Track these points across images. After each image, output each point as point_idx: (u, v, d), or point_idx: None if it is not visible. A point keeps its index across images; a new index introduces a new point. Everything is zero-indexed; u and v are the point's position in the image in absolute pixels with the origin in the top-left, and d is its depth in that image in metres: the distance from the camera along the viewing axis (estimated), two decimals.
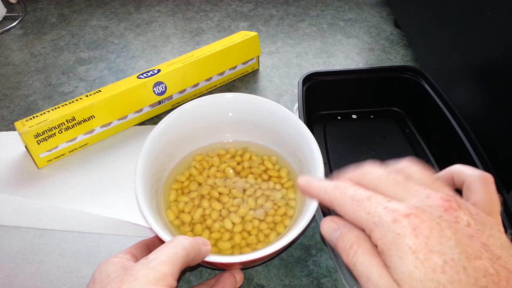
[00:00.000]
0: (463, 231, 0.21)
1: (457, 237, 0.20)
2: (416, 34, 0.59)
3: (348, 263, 0.23)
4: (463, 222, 0.21)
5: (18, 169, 0.47)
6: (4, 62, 0.62)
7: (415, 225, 0.20)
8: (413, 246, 0.20)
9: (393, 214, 0.21)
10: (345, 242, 0.24)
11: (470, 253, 0.20)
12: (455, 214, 0.21)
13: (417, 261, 0.20)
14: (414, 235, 0.20)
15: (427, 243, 0.20)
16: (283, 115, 0.41)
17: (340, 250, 0.24)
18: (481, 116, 0.44)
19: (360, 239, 0.23)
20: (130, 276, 0.25)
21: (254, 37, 0.57)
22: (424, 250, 0.20)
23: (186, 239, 0.29)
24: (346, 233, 0.24)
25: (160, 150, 0.40)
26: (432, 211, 0.21)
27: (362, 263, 0.22)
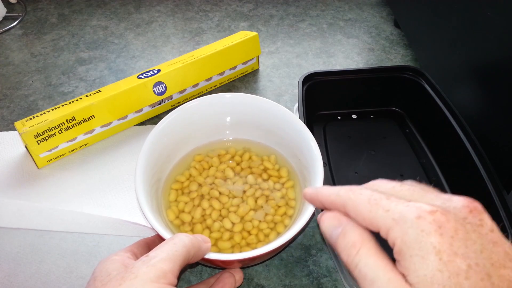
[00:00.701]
0: (487, 236, 0.19)
1: (482, 242, 0.19)
2: (416, 34, 0.59)
3: (349, 263, 0.22)
4: (488, 226, 0.20)
5: (18, 169, 0.47)
6: (4, 62, 0.62)
7: (440, 223, 0.19)
8: (438, 246, 0.18)
9: (417, 211, 0.20)
10: (347, 240, 0.22)
11: (495, 260, 0.18)
12: (480, 216, 0.20)
13: (441, 263, 0.18)
14: (439, 234, 0.19)
15: (451, 244, 0.18)
16: (283, 115, 0.41)
17: (341, 249, 0.22)
18: (481, 116, 0.44)
19: (364, 238, 0.22)
20: (130, 274, 0.25)
21: (254, 37, 0.57)
22: (448, 251, 0.18)
23: (186, 237, 0.29)
24: (349, 231, 0.22)
25: (160, 150, 0.40)
26: (456, 212, 0.20)
27: (367, 264, 0.20)
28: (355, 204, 0.22)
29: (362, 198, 0.22)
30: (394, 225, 0.20)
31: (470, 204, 0.20)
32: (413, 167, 0.46)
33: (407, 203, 0.20)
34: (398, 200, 0.21)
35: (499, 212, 0.36)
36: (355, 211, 0.22)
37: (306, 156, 0.39)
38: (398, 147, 0.49)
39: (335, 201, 0.24)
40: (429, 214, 0.19)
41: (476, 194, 0.40)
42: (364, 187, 0.24)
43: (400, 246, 0.19)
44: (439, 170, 0.46)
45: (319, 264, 0.39)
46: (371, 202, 0.22)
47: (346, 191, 0.24)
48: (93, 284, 0.26)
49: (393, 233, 0.20)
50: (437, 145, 0.47)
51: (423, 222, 0.19)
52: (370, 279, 0.20)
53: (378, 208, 0.21)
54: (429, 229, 0.19)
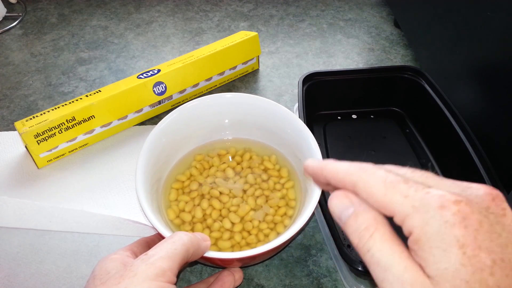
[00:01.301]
0: (510, 227, 0.18)
1: (507, 235, 0.18)
2: (416, 34, 0.59)
3: (361, 246, 0.20)
4: (510, 216, 0.19)
5: (18, 169, 0.46)
6: (4, 62, 0.62)
7: (465, 214, 0.17)
8: (462, 239, 0.17)
9: (440, 200, 0.18)
10: (359, 223, 0.20)
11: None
12: (503, 205, 0.19)
13: (465, 257, 0.17)
14: (463, 226, 0.17)
15: (476, 238, 0.17)
16: (283, 114, 0.41)
17: (351, 231, 0.21)
18: (481, 116, 0.44)
19: (379, 221, 0.20)
20: (129, 272, 0.25)
21: (254, 37, 0.57)
22: (473, 245, 0.17)
23: (185, 235, 0.29)
24: (362, 213, 0.20)
25: (161, 150, 0.40)
26: (478, 201, 0.18)
27: (381, 250, 0.19)
28: (368, 185, 0.20)
29: (376, 179, 0.20)
30: (413, 213, 0.18)
31: (492, 192, 0.19)
32: (412, 167, 0.46)
33: (427, 190, 0.19)
34: (417, 185, 0.19)
35: None
36: (368, 192, 0.21)
37: (306, 156, 0.39)
38: (398, 147, 0.49)
39: (343, 178, 0.22)
40: (453, 204, 0.18)
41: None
42: (378, 166, 0.21)
43: (419, 236, 0.18)
44: (438, 170, 0.46)
45: (319, 264, 0.39)
46: (386, 184, 0.20)
47: (357, 169, 0.21)
48: (92, 283, 0.26)
49: (412, 222, 0.18)
50: (437, 145, 0.47)
51: (447, 213, 0.18)
52: (384, 266, 0.19)
53: (395, 192, 0.19)
54: (453, 220, 0.17)
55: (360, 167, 0.21)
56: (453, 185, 0.20)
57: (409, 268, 0.18)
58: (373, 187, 0.20)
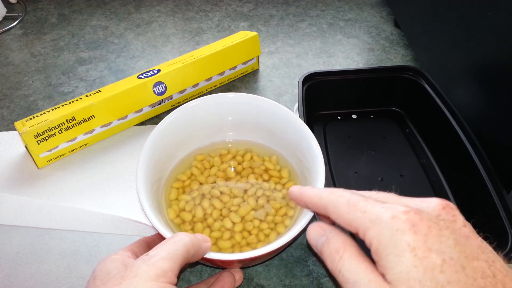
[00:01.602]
0: (460, 231, 0.20)
1: (455, 237, 0.20)
2: (416, 34, 0.59)
3: (333, 269, 0.22)
4: (460, 222, 0.21)
5: (18, 169, 0.46)
6: (4, 62, 0.62)
7: (414, 222, 0.20)
8: (412, 243, 0.19)
9: (392, 211, 0.20)
10: (331, 247, 0.23)
11: (468, 253, 0.19)
12: (453, 213, 0.21)
13: (416, 259, 0.19)
14: (413, 232, 0.19)
15: (426, 241, 0.19)
16: (283, 114, 0.42)
17: (325, 256, 0.23)
18: (481, 116, 0.44)
19: (347, 244, 0.23)
20: (130, 272, 0.25)
21: (254, 37, 0.57)
22: (423, 248, 0.19)
23: (186, 236, 0.29)
24: (332, 238, 0.23)
25: (162, 149, 0.40)
26: (429, 211, 0.21)
27: (349, 269, 0.21)
28: (335, 206, 0.23)
29: (342, 200, 0.23)
30: (370, 226, 0.21)
31: (442, 202, 0.21)
32: (413, 167, 0.46)
33: (382, 205, 0.21)
34: (375, 202, 0.22)
35: (499, 212, 0.36)
36: (335, 213, 0.23)
37: (307, 156, 0.39)
38: (398, 147, 0.49)
39: (317, 202, 0.25)
40: (403, 213, 0.20)
41: (476, 194, 0.40)
42: (345, 190, 0.25)
43: (377, 246, 0.20)
44: (439, 170, 0.46)
45: (319, 264, 0.39)
46: (349, 204, 0.23)
47: (327, 193, 0.25)
48: (93, 283, 0.26)
49: (370, 234, 0.21)
50: (437, 145, 0.48)
51: (397, 222, 0.20)
52: (352, 282, 0.21)
53: (356, 210, 0.22)
54: (403, 227, 0.20)
55: (330, 191, 0.25)
56: (409, 201, 0.22)
57: (373, 280, 0.20)
58: (339, 208, 0.23)
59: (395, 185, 0.44)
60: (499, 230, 0.36)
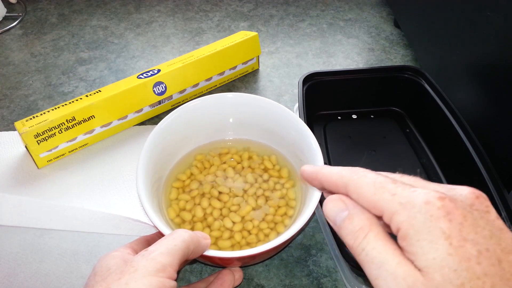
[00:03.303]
0: (494, 222, 0.19)
1: (490, 228, 0.19)
2: (416, 34, 0.59)
3: (356, 247, 0.21)
4: (493, 213, 0.20)
5: (18, 169, 0.46)
6: (4, 62, 0.62)
7: (449, 209, 0.19)
8: (447, 231, 0.18)
9: (426, 196, 0.19)
10: (354, 224, 0.21)
11: (503, 246, 0.18)
12: (486, 203, 0.20)
13: (451, 247, 0.18)
14: (448, 220, 0.18)
15: (461, 230, 0.18)
16: (283, 114, 0.42)
17: (346, 233, 0.22)
18: (481, 115, 0.44)
19: (373, 222, 0.21)
20: (130, 268, 0.25)
21: (254, 37, 0.57)
22: (458, 237, 0.18)
23: (185, 232, 0.29)
24: (356, 214, 0.22)
25: (162, 149, 0.40)
26: (463, 199, 0.20)
27: (375, 248, 0.20)
28: (359, 186, 0.22)
29: (367, 180, 0.22)
30: (400, 209, 0.20)
31: (475, 191, 0.20)
32: (413, 167, 0.46)
33: (414, 188, 0.20)
34: (404, 185, 0.20)
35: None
36: (358, 193, 0.22)
37: (307, 156, 0.39)
38: (398, 147, 0.49)
39: (336, 181, 0.23)
40: (438, 200, 0.19)
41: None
42: (368, 170, 0.23)
43: (407, 231, 0.19)
44: (439, 170, 0.46)
45: (319, 264, 0.39)
46: (376, 184, 0.21)
47: (349, 172, 0.23)
48: (93, 279, 0.26)
49: (399, 217, 0.19)
50: (437, 145, 0.47)
51: (432, 208, 0.19)
52: (378, 263, 0.20)
53: (384, 191, 0.21)
54: (438, 214, 0.18)
55: (352, 170, 0.23)
56: (439, 187, 0.21)
57: (402, 263, 0.19)
58: (363, 188, 0.22)
59: None
60: None
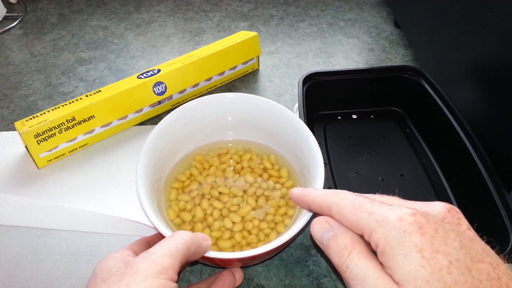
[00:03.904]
0: (465, 234, 0.21)
1: (461, 239, 0.20)
2: (416, 34, 0.59)
3: (341, 265, 0.23)
4: (465, 225, 0.21)
5: (18, 169, 0.46)
6: (4, 62, 0.62)
7: (421, 224, 0.20)
8: (419, 244, 0.19)
9: (399, 213, 0.21)
10: (339, 243, 0.23)
11: (473, 256, 0.20)
12: (458, 216, 0.22)
13: (423, 260, 0.19)
14: (420, 234, 0.20)
15: (432, 243, 0.20)
16: (283, 114, 0.41)
17: (332, 251, 0.23)
18: (481, 115, 0.44)
19: (355, 241, 0.23)
20: (131, 270, 0.25)
21: (254, 37, 0.57)
22: (430, 249, 0.19)
23: (186, 234, 0.29)
24: (340, 234, 0.23)
25: (161, 149, 0.40)
26: (435, 214, 0.21)
27: (358, 265, 0.22)
28: (340, 207, 0.24)
29: (347, 201, 0.23)
30: (377, 227, 0.21)
31: (447, 205, 0.22)
32: (413, 167, 0.46)
33: (389, 207, 0.22)
34: (381, 204, 0.22)
35: (500, 211, 0.36)
36: (340, 214, 0.24)
37: (306, 156, 0.39)
38: (398, 147, 0.49)
39: (321, 203, 0.25)
40: (410, 215, 0.20)
41: (477, 193, 0.40)
42: (349, 192, 0.25)
43: (384, 247, 0.21)
44: (439, 170, 0.46)
45: (319, 264, 0.39)
46: (355, 205, 0.23)
47: (332, 194, 0.25)
48: (93, 281, 0.26)
49: (376, 235, 0.21)
50: (437, 145, 0.47)
51: (404, 223, 0.20)
52: (361, 279, 0.21)
53: (362, 211, 0.22)
54: (411, 229, 0.20)
55: (335, 193, 0.25)
56: (414, 204, 0.23)
57: (381, 278, 0.20)
58: (344, 209, 0.23)
59: (396, 185, 0.44)
60: (500, 229, 0.36)
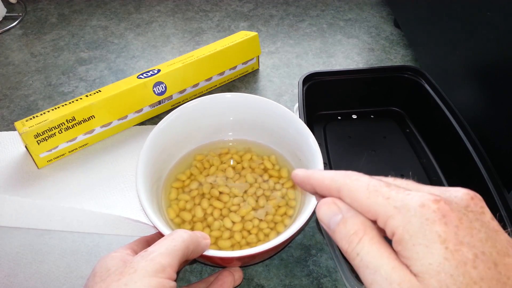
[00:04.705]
0: (489, 224, 0.19)
1: (486, 230, 0.18)
2: (416, 34, 0.59)
3: (350, 251, 0.20)
4: (488, 215, 0.19)
5: (18, 169, 0.46)
6: (4, 62, 0.62)
7: (444, 212, 0.18)
8: (443, 235, 0.18)
9: (420, 199, 0.19)
10: (348, 228, 0.21)
11: (499, 249, 0.18)
12: (481, 204, 0.20)
13: (448, 251, 0.17)
14: (444, 223, 0.18)
15: (457, 233, 0.18)
16: (283, 114, 0.42)
17: (340, 237, 0.21)
18: (481, 115, 0.44)
19: (367, 226, 0.20)
20: (130, 268, 0.25)
21: (254, 37, 0.57)
22: (454, 241, 0.18)
23: (185, 232, 0.29)
24: (350, 218, 0.21)
25: (161, 149, 0.40)
26: (458, 201, 0.19)
27: (370, 253, 0.19)
28: (352, 190, 0.21)
29: (360, 184, 0.21)
30: (395, 213, 0.19)
31: (470, 192, 0.20)
32: (413, 167, 0.46)
33: (408, 192, 0.20)
34: (398, 188, 0.20)
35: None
36: (352, 197, 0.21)
37: (306, 155, 0.39)
38: (398, 147, 0.49)
39: (329, 185, 0.23)
40: (433, 203, 0.18)
41: (477, 193, 0.40)
42: (361, 174, 0.22)
43: (402, 235, 0.19)
44: (439, 170, 0.46)
45: (319, 264, 0.39)
46: (369, 188, 0.21)
47: (342, 176, 0.22)
48: (92, 280, 0.26)
49: (394, 222, 0.19)
50: (437, 144, 0.47)
51: (427, 211, 0.18)
52: (373, 267, 0.19)
53: (378, 195, 0.20)
54: (434, 217, 0.18)
55: (345, 174, 0.22)
56: (433, 189, 0.21)
57: (397, 268, 0.19)
58: (357, 192, 0.21)
59: None
60: None
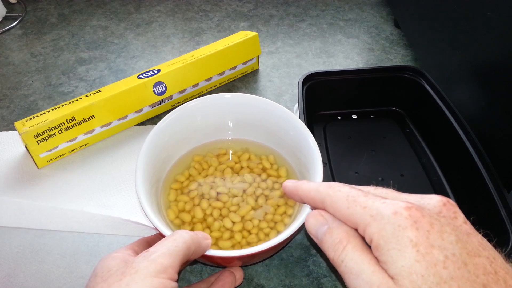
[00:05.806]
0: (461, 228, 0.20)
1: (457, 233, 0.20)
2: (416, 34, 0.59)
3: (336, 259, 0.22)
4: (461, 219, 0.21)
5: (18, 169, 0.46)
6: (4, 62, 0.62)
7: (416, 218, 0.20)
8: (414, 239, 0.19)
9: (393, 207, 0.20)
10: (334, 237, 0.23)
11: (469, 250, 0.19)
12: (454, 209, 0.21)
13: (419, 254, 0.19)
14: (415, 228, 0.19)
15: (428, 237, 0.19)
16: (283, 114, 0.41)
17: (327, 246, 0.23)
18: (481, 115, 0.44)
19: (350, 235, 0.22)
20: (131, 269, 0.25)
21: (254, 37, 0.57)
22: (425, 244, 0.19)
23: (186, 233, 0.29)
24: (335, 228, 0.23)
25: (161, 149, 0.40)
26: (430, 207, 0.21)
27: (353, 259, 0.21)
28: (334, 201, 0.23)
29: (341, 194, 0.23)
30: (371, 221, 0.21)
31: (443, 199, 0.21)
32: (413, 167, 0.46)
33: (383, 200, 0.21)
34: (375, 197, 0.22)
35: (499, 211, 0.36)
36: (334, 208, 0.23)
37: (305, 155, 0.39)
38: (398, 147, 0.49)
39: (314, 197, 0.25)
40: (404, 209, 0.20)
41: (477, 193, 0.40)
42: (343, 184, 0.24)
43: (378, 241, 0.20)
44: (439, 170, 0.46)
45: (319, 264, 0.39)
46: (349, 199, 0.22)
47: (325, 187, 0.24)
48: (93, 280, 0.26)
49: (371, 229, 0.21)
50: (437, 145, 0.47)
51: (399, 218, 0.20)
52: (356, 273, 0.21)
53: (356, 205, 0.22)
54: (406, 223, 0.20)
55: (328, 186, 0.24)
56: (409, 197, 0.23)
57: (376, 272, 0.20)
58: (337, 202, 0.23)
59: (396, 185, 0.44)
60: (500, 229, 0.36)
